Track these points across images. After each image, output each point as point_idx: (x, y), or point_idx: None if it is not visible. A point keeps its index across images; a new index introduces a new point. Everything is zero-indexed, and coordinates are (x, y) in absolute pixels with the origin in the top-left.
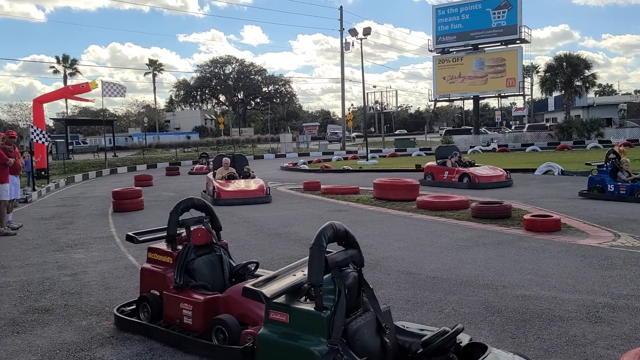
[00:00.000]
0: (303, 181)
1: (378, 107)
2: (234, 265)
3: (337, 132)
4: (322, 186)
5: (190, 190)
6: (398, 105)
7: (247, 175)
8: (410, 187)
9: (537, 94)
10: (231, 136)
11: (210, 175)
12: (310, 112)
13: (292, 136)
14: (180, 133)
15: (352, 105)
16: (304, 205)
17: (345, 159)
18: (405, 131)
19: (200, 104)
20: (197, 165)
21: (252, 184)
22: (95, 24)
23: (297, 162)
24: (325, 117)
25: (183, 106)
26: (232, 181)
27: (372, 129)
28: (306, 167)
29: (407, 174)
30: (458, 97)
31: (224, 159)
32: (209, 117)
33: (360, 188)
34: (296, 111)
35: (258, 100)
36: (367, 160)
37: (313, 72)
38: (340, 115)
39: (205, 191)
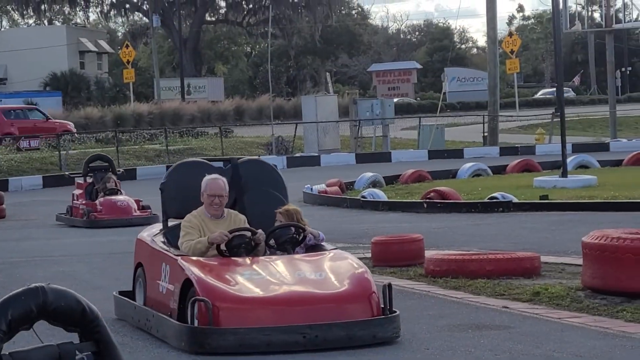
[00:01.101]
0: (372, 238)
1: (596, 18)
2: None
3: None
4: (427, 254)
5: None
6: None
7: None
8: None
9: None
10: (158, 102)
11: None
12: (392, 32)
13: (335, 100)
14: (12, 95)
15: (515, 13)
16: None
17: (499, 170)
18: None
19: (69, 9)
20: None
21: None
22: None
23: (351, 179)
24: (436, 49)
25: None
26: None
27: (576, 81)
28: (380, 194)
29: None
30: None
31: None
32: (91, 50)
33: (542, 260)
34: (352, 30)
35: None
36: (564, 174)
37: None
38: (481, 42)
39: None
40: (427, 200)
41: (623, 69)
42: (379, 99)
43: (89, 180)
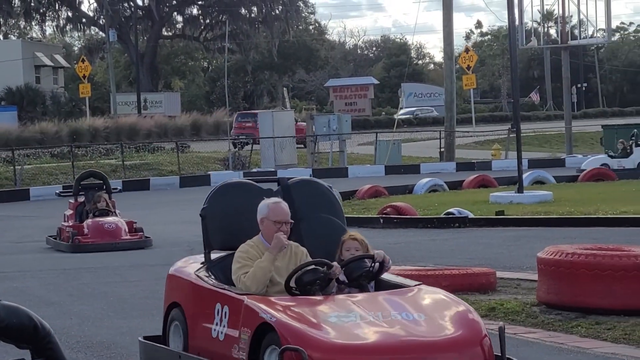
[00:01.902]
0: None
1: (552, 34)
2: None
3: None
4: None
5: None
6: (614, 27)
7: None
8: None
9: None
10: (115, 117)
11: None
12: (349, 47)
13: (292, 115)
14: None
15: (473, 29)
16: None
17: (455, 185)
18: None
19: (24, 23)
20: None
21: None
22: None
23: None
24: (394, 64)
25: None
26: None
27: (533, 98)
28: None
29: (639, 235)
30: None
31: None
32: (47, 64)
33: (498, 275)
34: (309, 46)
35: (195, 11)
36: (520, 190)
37: None
38: (438, 57)
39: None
40: (384, 215)
41: (579, 85)
42: (335, 114)
43: (81, 199)
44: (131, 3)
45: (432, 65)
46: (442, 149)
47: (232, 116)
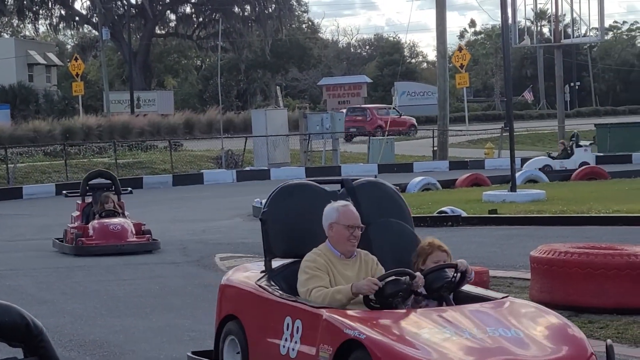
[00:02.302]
0: None
1: (545, 33)
2: None
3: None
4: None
5: None
6: (607, 26)
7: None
8: None
9: None
10: (108, 115)
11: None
12: (343, 46)
13: (285, 114)
14: None
15: (467, 28)
16: None
17: (448, 184)
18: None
19: (17, 21)
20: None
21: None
22: None
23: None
24: (387, 63)
25: None
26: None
27: (526, 96)
28: None
29: (631, 234)
30: None
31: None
32: (40, 62)
33: (491, 274)
34: (302, 44)
35: (188, 10)
36: (513, 189)
37: None
38: (431, 56)
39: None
40: None
41: (572, 84)
42: (329, 112)
43: (89, 200)
44: (124, 1)
45: (425, 64)
46: (435, 148)
47: (225, 115)
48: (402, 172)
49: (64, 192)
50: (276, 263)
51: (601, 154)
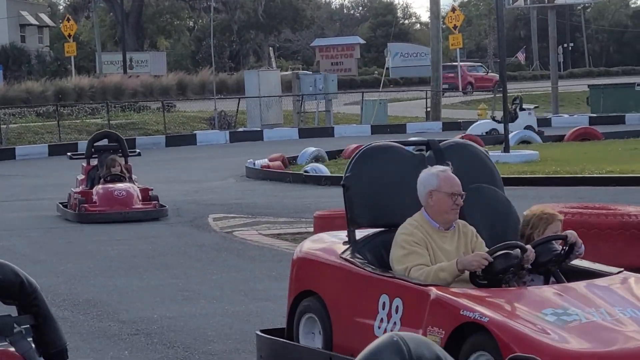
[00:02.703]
0: (314, 212)
1: None
2: None
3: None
4: None
5: None
6: None
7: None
8: None
9: None
10: (100, 77)
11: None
12: (336, 7)
13: (278, 75)
14: None
15: None
16: None
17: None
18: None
19: None
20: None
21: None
22: None
23: (294, 154)
24: (380, 24)
25: None
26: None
27: (519, 57)
28: (323, 169)
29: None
30: None
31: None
32: (32, 23)
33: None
34: (295, 5)
35: None
36: (506, 149)
37: None
38: (424, 17)
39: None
40: None
41: (565, 45)
42: (322, 73)
43: (94, 162)
44: None
45: (418, 25)
46: (428, 109)
47: (217, 76)
48: (395, 133)
49: (69, 153)
50: (361, 234)
51: (594, 115)
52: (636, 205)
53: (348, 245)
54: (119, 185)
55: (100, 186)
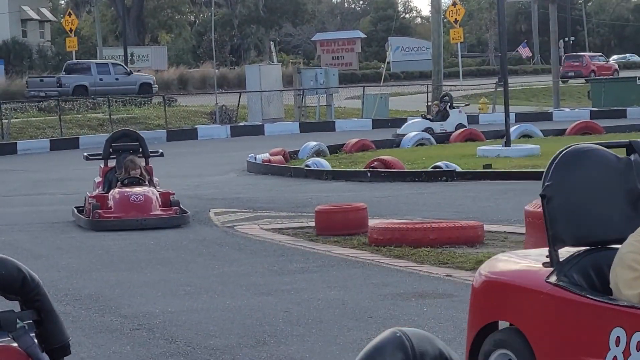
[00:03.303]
0: (315, 207)
1: None
2: None
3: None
4: (371, 223)
5: None
6: None
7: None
8: None
9: None
10: None
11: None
12: (337, 1)
13: (279, 68)
14: None
15: None
16: (315, 283)
17: (442, 138)
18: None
19: None
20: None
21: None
22: None
23: (295, 148)
24: (381, 18)
25: None
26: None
27: (524, 52)
28: (324, 163)
29: None
30: None
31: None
32: (34, 18)
33: (486, 228)
34: (297, 0)
35: None
36: (507, 143)
37: None
38: (425, 11)
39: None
40: (371, 169)
41: (566, 39)
42: (323, 68)
43: (112, 164)
44: None
45: (419, 19)
46: (429, 103)
47: (219, 70)
48: (396, 127)
49: (85, 154)
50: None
51: (596, 109)
52: None
53: (552, 268)
54: (137, 189)
55: (116, 190)
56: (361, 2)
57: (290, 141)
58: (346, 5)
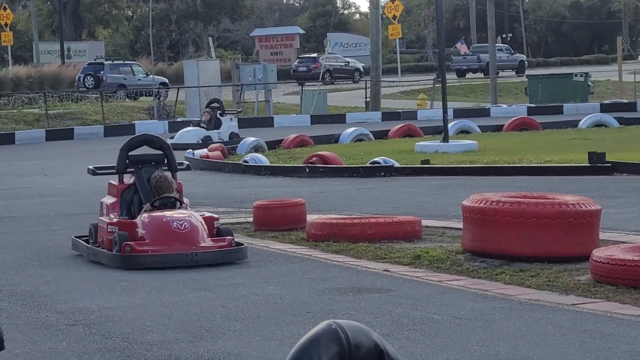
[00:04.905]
0: (254, 202)
1: None
2: None
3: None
4: (309, 218)
5: None
6: None
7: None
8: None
9: None
10: (38, 66)
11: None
12: None
13: (217, 64)
14: None
15: None
16: (253, 279)
17: (381, 135)
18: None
19: None
20: (107, 199)
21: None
22: None
23: (233, 144)
24: (319, 14)
25: None
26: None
27: (462, 49)
28: (262, 159)
29: (562, 183)
30: None
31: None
32: None
33: (423, 224)
34: None
35: None
36: (445, 139)
37: None
38: (364, 7)
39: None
40: (310, 165)
41: (504, 35)
42: (261, 63)
43: (130, 179)
44: None
45: (357, 15)
46: (368, 99)
47: (156, 65)
48: (335, 123)
49: (90, 167)
50: None
51: (533, 105)
52: (574, 195)
53: None
54: (177, 214)
55: (145, 215)
56: None
57: None
58: (285, 1)
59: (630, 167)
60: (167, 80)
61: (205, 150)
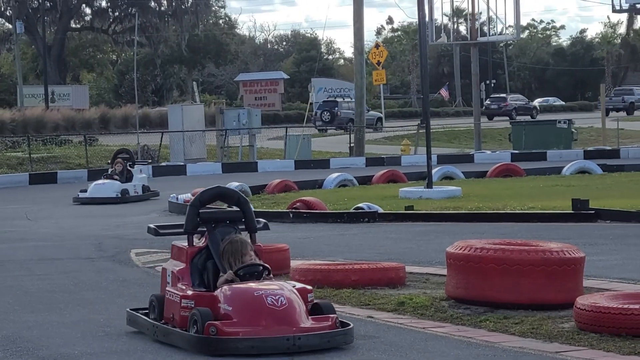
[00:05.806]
0: None
1: (462, 30)
2: None
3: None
4: (293, 264)
5: None
6: (525, 24)
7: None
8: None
9: None
10: (22, 110)
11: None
12: (260, 42)
13: (201, 108)
14: None
15: (384, 25)
16: None
17: (365, 180)
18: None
19: None
20: (173, 266)
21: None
22: None
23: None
24: (304, 59)
25: None
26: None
27: (443, 94)
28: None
29: (546, 230)
30: None
31: None
32: None
33: (407, 270)
34: (219, 40)
35: (104, 4)
36: (429, 185)
37: None
38: (348, 53)
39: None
40: (293, 210)
41: (487, 82)
42: (245, 108)
43: (201, 242)
44: None
45: (342, 61)
46: (352, 144)
47: (141, 110)
48: (319, 168)
49: (152, 226)
50: None
51: (516, 152)
52: (557, 242)
53: None
54: (268, 286)
55: (228, 288)
56: (284, 42)
57: (212, 181)
58: (269, 46)
59: (613, 214)
60: None
61: (189, 194)
